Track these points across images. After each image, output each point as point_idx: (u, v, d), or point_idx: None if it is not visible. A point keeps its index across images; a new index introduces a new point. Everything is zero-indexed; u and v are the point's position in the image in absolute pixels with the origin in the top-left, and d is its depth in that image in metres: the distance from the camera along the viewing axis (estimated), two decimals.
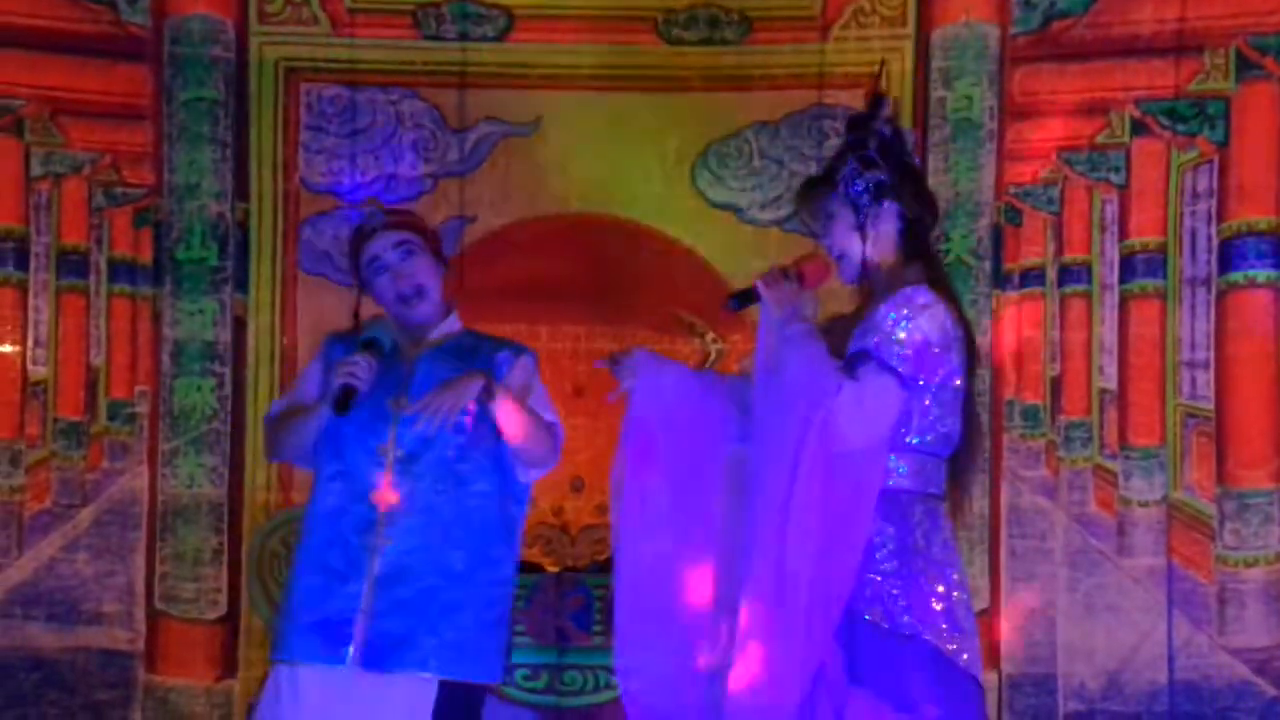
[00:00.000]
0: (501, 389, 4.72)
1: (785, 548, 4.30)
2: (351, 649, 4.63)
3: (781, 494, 4.31)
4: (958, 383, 4.47)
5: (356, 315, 4.97)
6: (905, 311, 4.39)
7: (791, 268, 4.52)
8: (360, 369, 4.65)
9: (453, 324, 4.95)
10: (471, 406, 4.67)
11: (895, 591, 4.38)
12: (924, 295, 4.43)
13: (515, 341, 5.05)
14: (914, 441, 4.44)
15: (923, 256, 4.61)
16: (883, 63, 5.24)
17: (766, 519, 4.34)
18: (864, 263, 4.56)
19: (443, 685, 4.70)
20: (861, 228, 4.54)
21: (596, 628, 6.97)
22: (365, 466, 4.71)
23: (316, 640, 4.66)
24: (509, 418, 4.72)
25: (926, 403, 4.42)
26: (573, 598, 7.02)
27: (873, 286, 4.56)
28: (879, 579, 4.38)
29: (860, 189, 4.54)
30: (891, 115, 4.66)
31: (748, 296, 4.49)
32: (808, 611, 4.31)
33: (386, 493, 4.67)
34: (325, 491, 4.76)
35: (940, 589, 4.42)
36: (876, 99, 4.66)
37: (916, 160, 4.77)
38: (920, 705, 4.33)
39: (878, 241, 4.56)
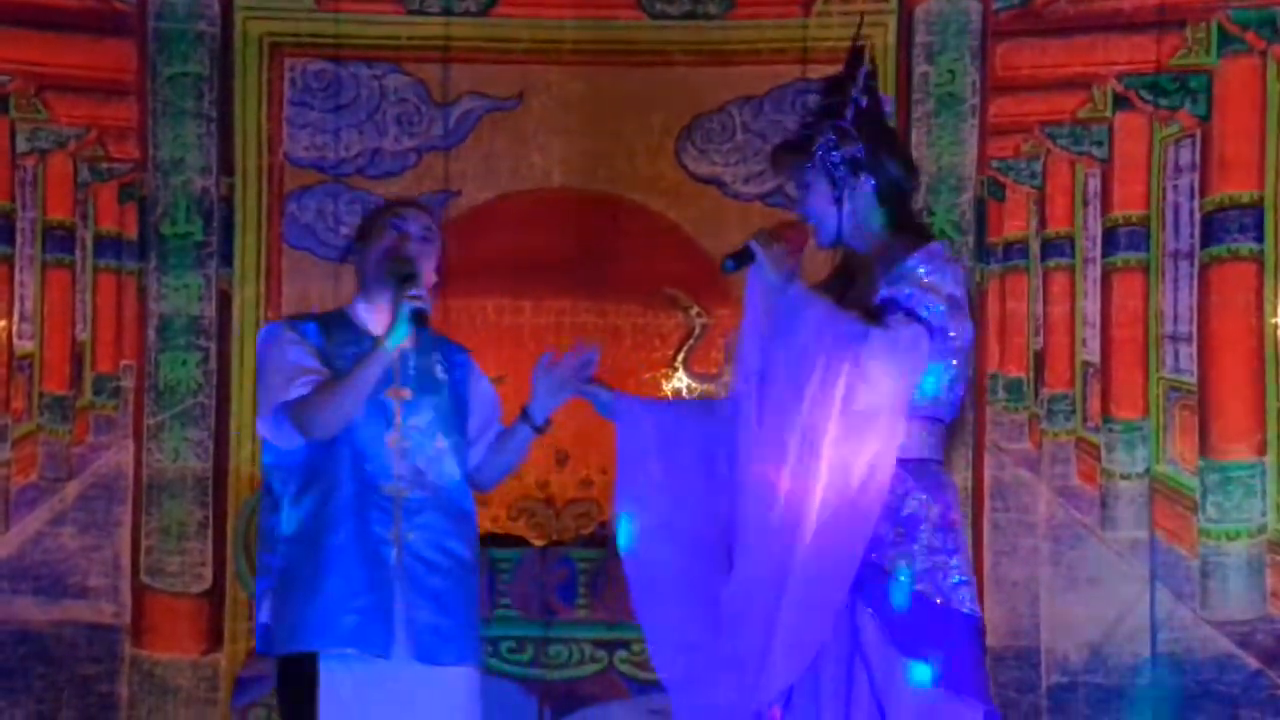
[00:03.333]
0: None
1: (800, 508, 4.23)
2: (397, 641, 4.61)
3: (797, 453, 4.24)
4: (971, 347, 4.41)
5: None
6: (936, 264, 4.31)
7: (776, 231, 4.47)
8: (421, 290, 4.58)
9: None
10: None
11: (945, 566, 4.30)
12: (948, 251, 4.43)
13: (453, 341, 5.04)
14: (930, 406, 4.35)
15: (910, 222, 4.56)
16: (861, 19, 5.13)
17: (774, 480, 4.27)
18: (839, 231, 4.48)
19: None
20: (839, 200, 4.45)
21: (581, 601, 6.99)
22: (376, 458, 4.66)
23: (364, 630, 4.61)
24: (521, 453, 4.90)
25: (954, 362, 4.33)
26: (558, 571, 7.04)
27: (852, 253, 4.50)
28: (926, 552, 4.31)
29: (837, 160, 4.44)
30: (870, 79, 4.60)
31: (744, 256, 4.38)
32: (818, 580, 4.25)
33: (398, 484, 4.66)
34: (340, 483, 4.67)
35: (970, 562, 4.44)
36: (855, 58, 4.55)
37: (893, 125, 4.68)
38: (970, 685, 4.29)
39: (856, 212, 4.46)
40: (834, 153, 4.45)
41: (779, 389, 4.31)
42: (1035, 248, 7.13)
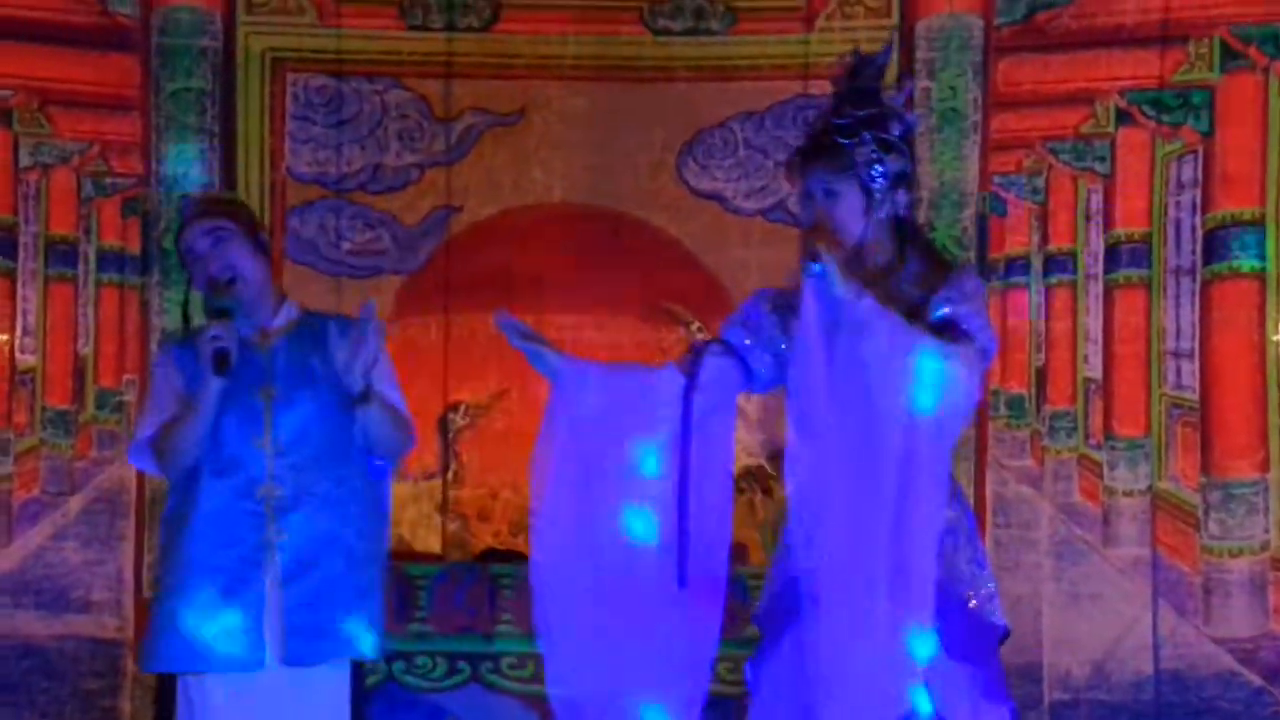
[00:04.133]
0: (375, 395, 4.62)
1: (875, 516, 4.19)
2: (268, 649, 4.55)
3: (877, 461, 4.18)
4: None
5: (185, 315, 4.77)
6: (981, 286, 4.37)
7: (833, 239, 4.29)
8: (220, 330, 4.49)
9: (291, 310, 4.78)
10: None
11: (982, 577, 4.38)
12: None
13: (357, 318, 4.77)
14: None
15: (921, 235, 4.58)
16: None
17: (855, 487, 4.21)
18: (861, 241, 4.36)
19: (353, 665, 4.71)
20: (869, 210, 4.35)
21: None
22: (246, 461, 4.59)
23: (231, 649, 4.55)
24: (378, 420, 4.64)
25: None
26: None
27: (858, 259, 4.37)
28: (967, 564, 4.35)
29: (879, 174, 4.33)
30: (911, 96, 4.56)
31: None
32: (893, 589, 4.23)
33: (271, 485, 4.58)
34: (206, 493, 4.60)
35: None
36: (871, 71, 4.46)
37: None
38: (1002, 697, 4.38)
39: (874, 227, 4.38)
40: (878, 165, 4.33)
41: (852, 399, 4.19)
42: (1037, 264, 7.13)
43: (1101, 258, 7.07)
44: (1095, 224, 7.10)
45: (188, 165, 7.13)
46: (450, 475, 7.26)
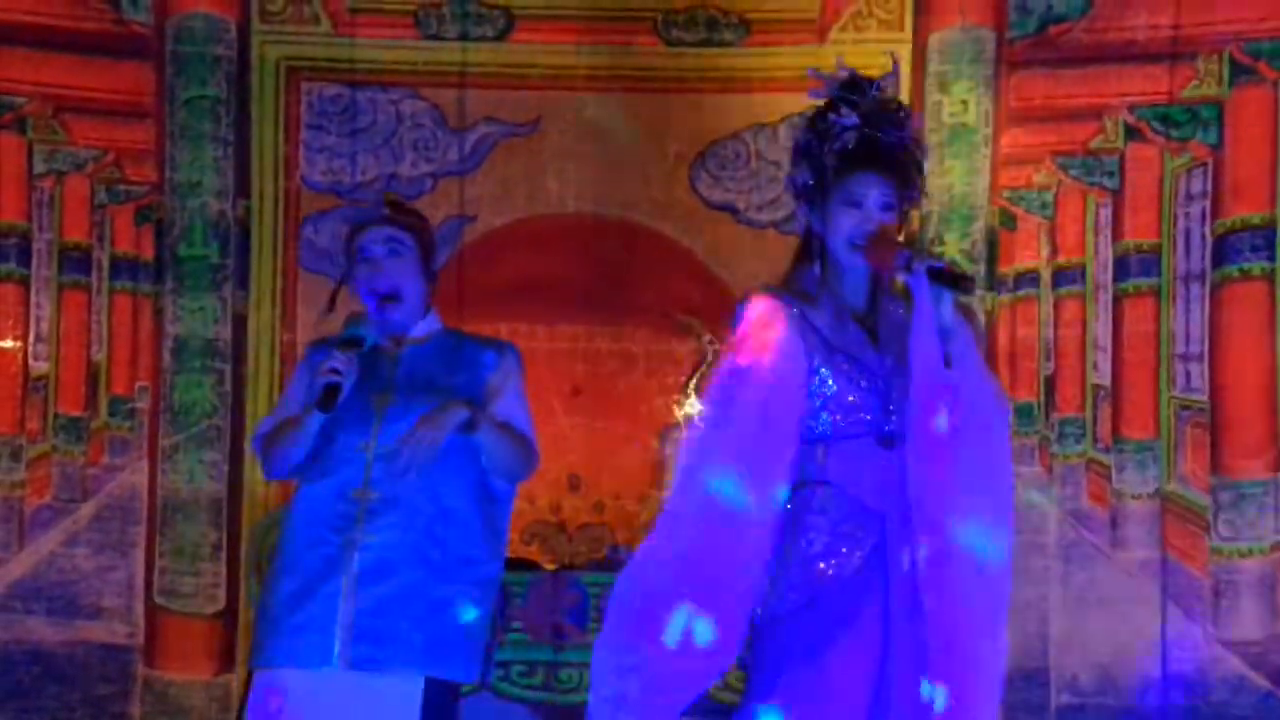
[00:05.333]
0: (485, 420, 4.62)
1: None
2: (337, 649, 4.53)
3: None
4: None
5: (333, 301, 4.79)
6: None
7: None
8: (340, 363, 4.52)
9: (433, 322, 4.80)
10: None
11: None
12: None
13: (498, 339, 4.97)
14: None
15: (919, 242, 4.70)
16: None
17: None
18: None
19: (429, 683, 4.62)
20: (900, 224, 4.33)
21: (592, 625, 6.98)
22: (347, 464, 4.61)
23: (300, 644, 4.56)
24: (492, 447, 4.63)
25: None
26: (569, 595, 7.04)
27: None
28: None
29: (915, 193, 4.33)
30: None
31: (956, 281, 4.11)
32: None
33: (366, 489, 4.58)
34: (307, 494, 4.66)
35: None
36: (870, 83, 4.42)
37: None
38: None
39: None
40: (916, 183, 4.32)
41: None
42: (1047, 277, 7.20)
43: (1111, 269, 7.15)
44: (1104, 237, 7.16)
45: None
46: None
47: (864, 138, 4.27)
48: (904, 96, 7.00)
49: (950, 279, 4.05)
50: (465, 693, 6.72)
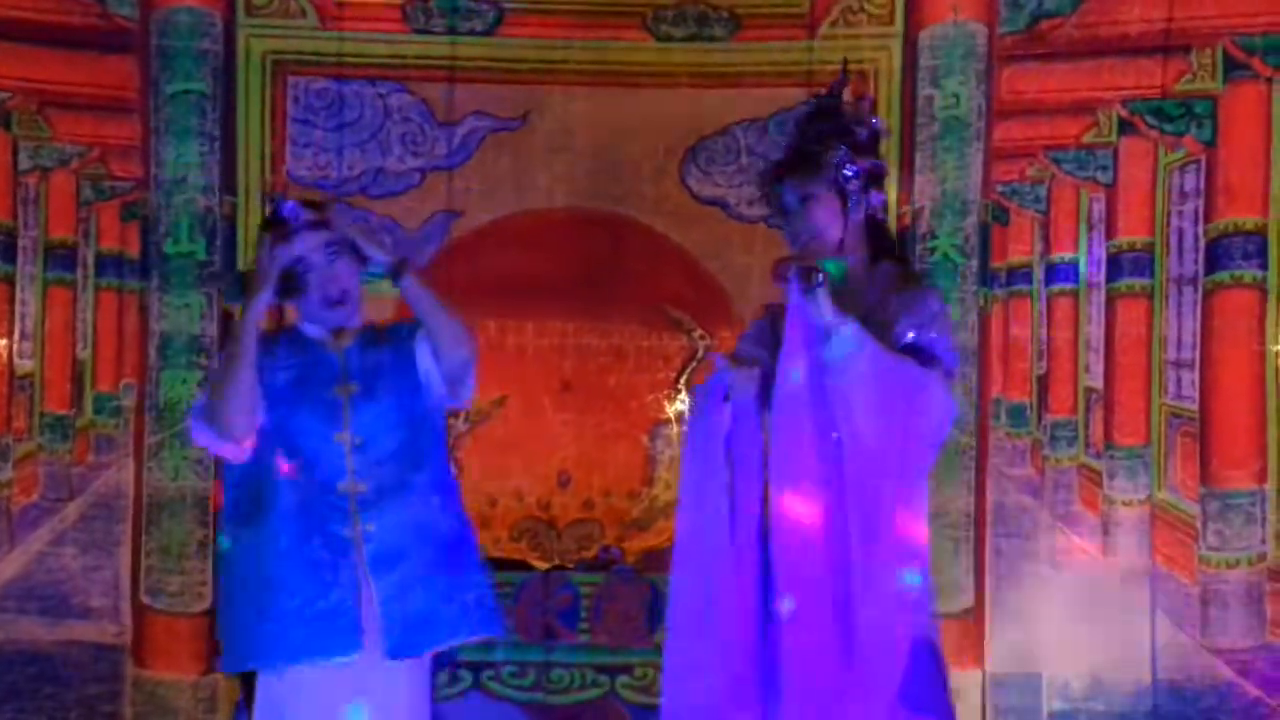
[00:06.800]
0: (411, 269, 4.72)
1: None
2: (366, 639, 4.61)
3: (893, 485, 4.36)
4: None
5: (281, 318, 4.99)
6: (946, 307, 4.53)
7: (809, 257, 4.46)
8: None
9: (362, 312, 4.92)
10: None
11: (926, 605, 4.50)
12: None
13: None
14: None
15: (894, 246, 4.70)
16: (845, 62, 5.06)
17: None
18: (841, 244, 4.57)
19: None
20: (846, 213, 4.57)
21: (583, 625, 6.98)
22: (325, 458, 4.68)
23: (320, 636, 4.61)
24: (420, 296, 4.71)
25: None
26: (560, 595, 7.03)
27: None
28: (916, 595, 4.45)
29: (852, 174, 4.57)
30: (874, 107, 4.73)
31: (810, 278, 4.35)
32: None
33: (352, 481, 4.65)
34: (283, 491, 4.69)
35: None
36: (842, 84, 4.68)
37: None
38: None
39: (858, 226, 4.60)
40: (850, 166, 4.57)
41: (846, 426, 4.37)
42: (1039, 272, 7.15)
43: (1104, 266, 7.09)
44: (1097, 233, 7.14)
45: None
46: None
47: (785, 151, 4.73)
48: (895, 91, 7.01)
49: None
50: (453, 695, 6.84)
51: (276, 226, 4.73)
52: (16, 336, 7.14)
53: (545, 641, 6.98)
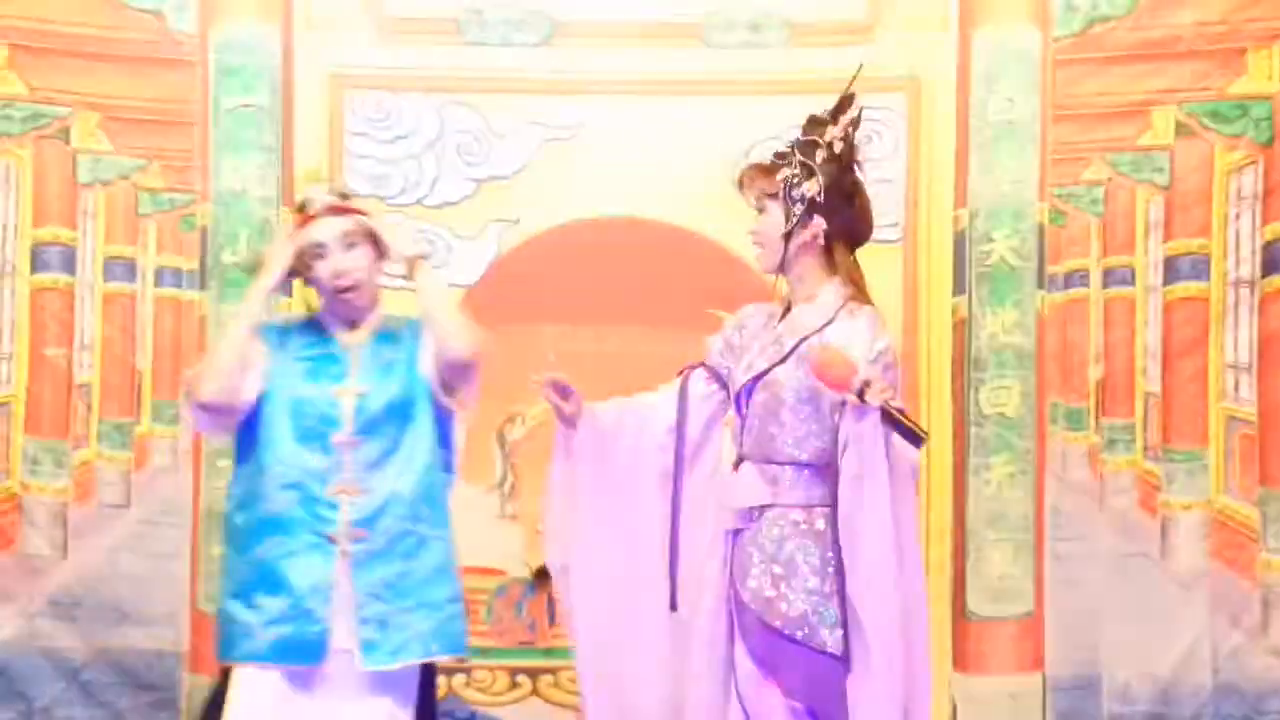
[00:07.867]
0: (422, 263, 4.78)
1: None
2: (343, 645, 4.60)
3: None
4: None
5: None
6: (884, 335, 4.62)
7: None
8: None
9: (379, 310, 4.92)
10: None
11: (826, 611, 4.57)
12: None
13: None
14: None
15: (850, 275, 4.73)
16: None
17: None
18: (781, 263, 4.75)
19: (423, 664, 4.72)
20: (788, 235, 4.69)
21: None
22: (320, 459, 4.67)
23: (298, 640, 4.60)
24: (431, 296, 4.77)
25: None
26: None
27: (790, 287, 4.77)
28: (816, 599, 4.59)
29: (796, 198, 4.66)
30: (852, 127, 4.69)
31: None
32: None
33: (343, 481, 4.65)
34: (275, 492, 4.68)
35: None
36: (842, 101, 4.75)
37: (861, 175, 4.75)
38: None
39: (800, 247, 4.71)
40: (795, 188, 4.65)
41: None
42: (1096, 275, 7.12)
43: (1161, 269, 7.06)
44: (1155, 235, 7.09)
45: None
46: (507, 488, 7.26)
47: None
48: (949, 96, 7.01)
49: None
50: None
51: (300, 211, 4.78)
52: (76, 346, 7.19)
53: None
